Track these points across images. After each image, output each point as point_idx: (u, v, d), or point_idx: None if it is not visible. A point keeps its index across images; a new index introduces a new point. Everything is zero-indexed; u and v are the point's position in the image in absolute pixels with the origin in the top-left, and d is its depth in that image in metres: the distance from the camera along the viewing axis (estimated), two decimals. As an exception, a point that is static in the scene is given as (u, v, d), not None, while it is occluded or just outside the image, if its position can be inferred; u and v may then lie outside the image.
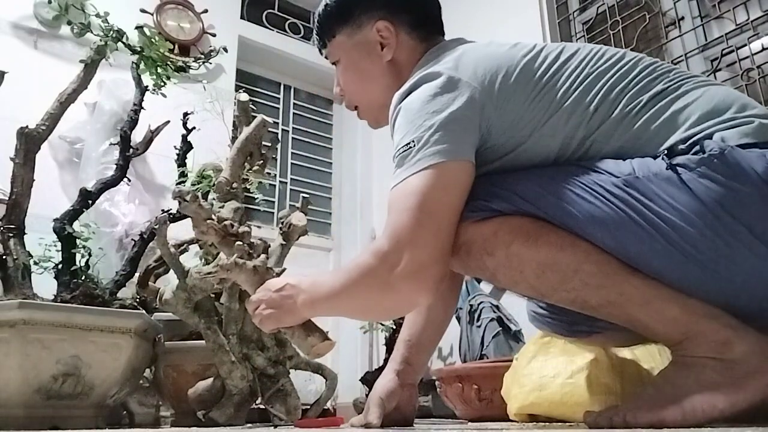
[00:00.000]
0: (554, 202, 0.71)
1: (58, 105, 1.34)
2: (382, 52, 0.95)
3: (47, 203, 1.51)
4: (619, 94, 0.76)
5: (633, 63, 0.80)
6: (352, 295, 0.81)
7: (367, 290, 0.78)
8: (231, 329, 1.29)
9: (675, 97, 0.75)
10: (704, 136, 0.70)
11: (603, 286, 0.69)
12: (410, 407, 1.06)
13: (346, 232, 3.31)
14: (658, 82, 0.77)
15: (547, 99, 0.78)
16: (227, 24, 2.98)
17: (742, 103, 0.74)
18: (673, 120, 0.73)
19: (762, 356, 0.63)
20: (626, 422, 0.66)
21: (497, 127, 0.79)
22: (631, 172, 0.69)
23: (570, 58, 0.80)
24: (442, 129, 0.75)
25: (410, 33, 0.96)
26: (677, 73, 0.79)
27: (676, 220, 0.66)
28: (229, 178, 1.36)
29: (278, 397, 1.28)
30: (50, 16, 2.34)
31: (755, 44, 1.82)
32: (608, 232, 0.68)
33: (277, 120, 3.25)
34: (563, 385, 1.09)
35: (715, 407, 0.63)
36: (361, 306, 0.84)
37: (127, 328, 1.20)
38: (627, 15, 2.23)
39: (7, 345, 1.07)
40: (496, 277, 0.77)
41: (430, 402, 2.09)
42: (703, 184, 0.65)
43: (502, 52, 0.82)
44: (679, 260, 0.66)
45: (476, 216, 0.76)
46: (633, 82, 0.77)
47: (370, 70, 0.97)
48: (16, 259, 1.19)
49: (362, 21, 0.96)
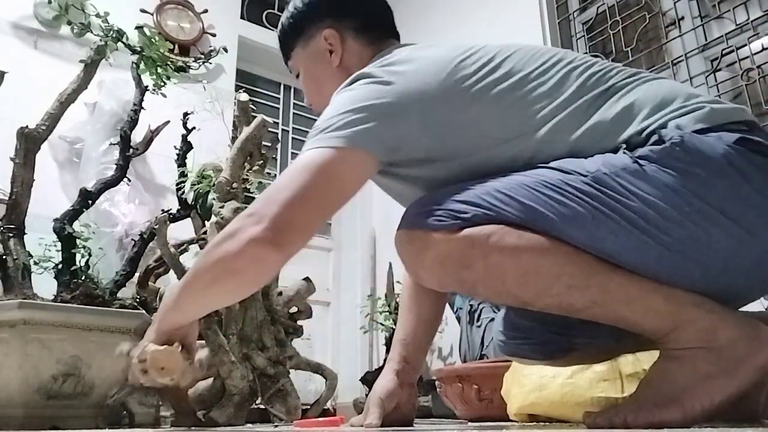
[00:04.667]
0: (526, 206, 0.70)
1: (58, 105, 1.34)
2: (331, 58, 1.01)
3: (47, 203, 1.51)
4: (562, 95, 0.77)
5: (572, 64, 0.80)
6: (216, 267, 0.76)
7: (231, 257, 0.75)
8: (231, 329, 1.29)
9: (624, 93, 0.76)
10: (659, 125, 0.71)
11: (587, 286, 0.68)
12: (410, 407, 1.06)
13: (346, 232, 3.31)
14: (601, 83, 0.78)
15: (482, 102, 0.78)
16: (227, 24, 2.98)
17: (688, 93, 0.75)
18: (626, 114, 0.74)
19: (748, 339, 0.64)
20: (626, 423, 0.66)
21: (425, 130, 0.79)
22: (598, 169, 0.69)
23: (504, 61, 0.81)
24: (353, 118, 0.77)
25: (356, 38, 1.01)
26: (619, 70, 0.80)
27: (648, 211, 0.66)
28: (229, 178, 1.36)
29: (278, 397, 1.28)
30: (50, 16, 2.34)
31: (755, 44, 1.82)
32: (585, 231, 0.68)
33: (277, 120, 3.26)
34: (563, 385, 1.10)
35: (713, 401, 0.63)
36: (224, 280, 0.78)
37: (127, 328, 1.20)
38: (627, 15, 2.23)
39: (7, 345, 1.07)
40: (476, 289, 0.75)
41: (430, 402, 2.09)
42: (669, 173, 0.66)
43: (437, 56, 0.83)
44: (657, 251, 0.66)
45: (445, 227, 0.72)
46: (577, 83, 0.78)
47: (323, 76, 1.02)
48: (16, 259, 1.19)
49: (312, 32, 1.02)
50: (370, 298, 2.78)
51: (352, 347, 2.98)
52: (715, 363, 0.64)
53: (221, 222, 1.30)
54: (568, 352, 0.89)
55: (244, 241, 0.73)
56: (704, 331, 0.65)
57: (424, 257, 0.74)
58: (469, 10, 2.78)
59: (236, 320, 1.30)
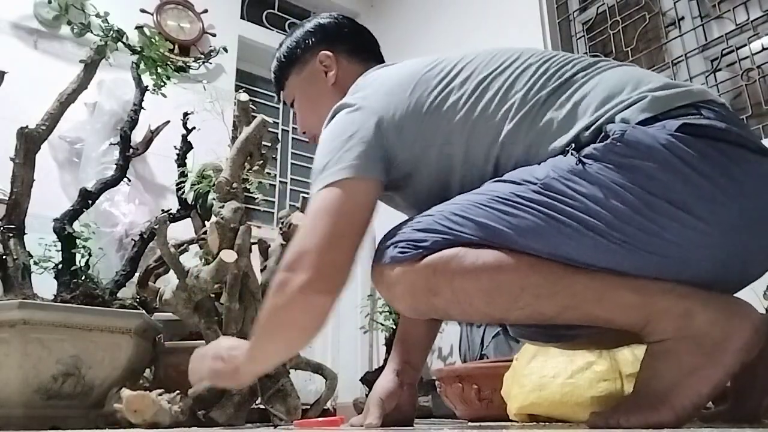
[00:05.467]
0: (481, 224, 0.70)
1: (58, 105, 1.34)
2: (327, 77, 1.05)
3: (47, 203, 1.51)
4: (516, 96, 0.78)
5: (528, 62, 0.81)
6: (274, 323, 0.80)
7: (283, 310, 0.78)
8: (231, 329, 1.29)
9: (573, 90, 0.76)
10: (606, 120, 0.71)
11: (554, 293, 0.68)
12: (410, 407, 1.06)
13: (346, 232, 3.31)
14: (554, 79, 0.78)
15: (443, 111, 0.80)
16: (227, 24, 2.98)
17: (637, 80, 0.75)
18: (574, 111, 0.74)
19: (725, 320, 0.63)
20: (620, 425, 0.66)
21: (400, 146, 0.82)
22: (547, 174, 0.70)
23: (464, 68, 0.83)
24: (346, 150, 0.81)
25: (349, 59, 1.06)
26: (573, 64, 0.80)
27: (598, 210, 0.66)
28: (229, 178, 1.36)
29: (278, 397, 1.28)
30: (50, 16, 2.34)
31: (755, 44, 1.82)
32: (540, 239, 0.68)
33: (277, 120, 3.25)
34: (563, 385, 1.10)
35: (701, 394, 0.63)
36: (284, 332, 0.82)
37: (127, 328, 1.20)
38: (627, 15, 2.23)
39: (7, 345, 1.07)
40: (449, 313, 0.76)
41: (430, 402, 2.09)
42: (612, 170, 0.66)
43: (405, 72, 0.87)
44: (614, 250, 0.66)
45: (408, 258, 0.74)
46: (530, 82, 0.79)
47: (319, 95, 1.06)
48: (16, 259, 1.20)
49: (306, 58, 1.08)
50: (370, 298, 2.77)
51: (352, 347, 2.98)
52: (696, 353, 0.63)
53: (221, 222, 1.30)
54: (574, 336, 0.89)
55: (294, 293, 0.76)
56: (679, 318, 0.65)
57: (395, 290, 0.76)
58: (469, 10, 2.78)
59: (236, 320, 1.30)
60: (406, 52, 1.11)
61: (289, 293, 0.77)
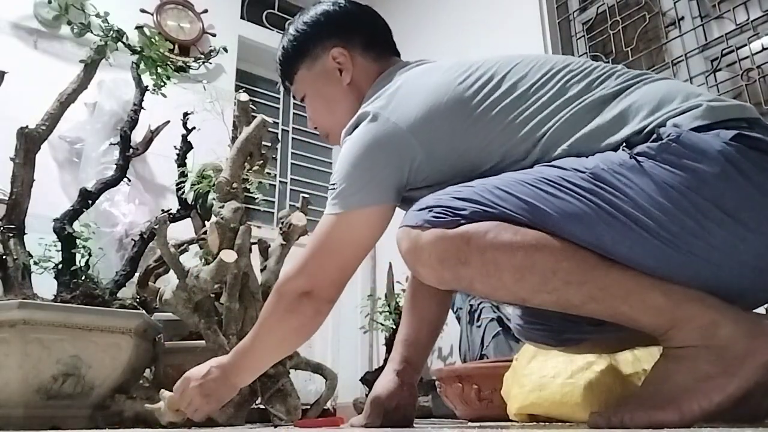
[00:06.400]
0: (525, 202, 0.70)
1: (58, 105, 1.34)
2: (341, 77, 1.00)
3: (47, 203, 1.51)
4: (566, 102, 0.78)
5: (576, 70, 0.82)
6: (267, 328, 0.90)
7: (278, 316, 0.89)
8: (231, 329, 1.29)
9: (623, 96, 0.77)
10: (657, 124, 0.71)
11: (584, 282, 0.68)
12: (410, 407, 1.06)
13: (346, 232, 3.30)
14: (604, 86, 0.79)
15: (486, 122, 0.80)
16: (227, 24, 2.98)
17: (687, 92, 0.76)
18: (624, 116, 0.75)
19: (749, 336, 0.63)
20: (623, 423, 0.66)
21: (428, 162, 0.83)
22: (597, 165, 0.70)
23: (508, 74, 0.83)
24: (362, 174, 0.83)
25: (364, 54, 1.01)
26: (621, 74, 0.81)
27: (645, 206, 0.66)
28: (229, 178, 1.36)
29: (278, 397, 1.28)
30: (50, 16, 2.34)
31: (755, 44, 1.82)
32: (583, 226, 0.68)
33: (277, 120, 3.25)
34: (563, 385, 1.10)
35: (711, 401, 0.63)
36: (277, 335, 0.91)
37: (127, 328, 1.20)
38: (627, 15, 2.22)
39: (7, 345, 1.07)
40: (474, 286, 0.74)
41: (430, 402, 2.09)
42: (666, 168, 0.67)
43: (435, 83, 0.85)
44: (655, 246, 0.66)
45: (442, 223, 0.73)
46: (578, 89, 0.79)
47: (333, 95, 1.02)
48: (16, 259, 1.20)
49: (318, 52, 1.01)
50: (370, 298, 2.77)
51: (352, 347, 2.98)
52: (714, 362, 0.63)
53: (221, 222, 1.30)
54: (580, 340, 0.90)
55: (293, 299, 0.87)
56: (704, 329, 0.64)
57: (422, 254, 0.74)
58: (469, 10, 2.78)
59: (236, 320, 1.30)
60: (406, 51, 1.10)
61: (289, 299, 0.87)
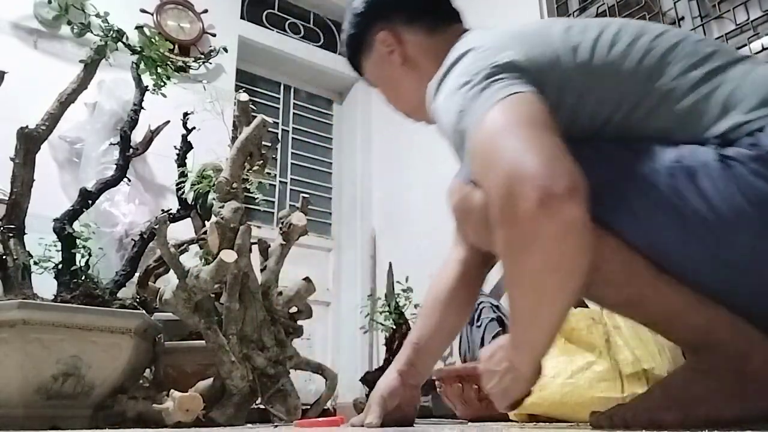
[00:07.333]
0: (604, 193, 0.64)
1: (58, 105, 1.34)
2: (392, 58, 0.99)
3: (47, 203, 1.51)
4: (668, 68, 0.70)
5: (679, 40, 0.73)
6: (527, 269, 0.60)
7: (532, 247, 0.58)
8: (231, 329, 1.29)
9: (724, 79, 0.68)
10: (758, 127, 0.64)
11: (625, 285, 0.66)
12: (412, 407, 1.06)
13: (346, 232, 3.31)
14: (706, 61, 0.70)
15: (612, 72, 0.71)
16: (227, 24, 2.98)
17: None
18: (724, 103, 0.67)
19: None
20: (626, 422, 0.66)
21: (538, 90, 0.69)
22: (679, 160, 0.64)
23: (619, 32, 0.74)
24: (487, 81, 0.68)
25: (410, 29, 0.98)
26: (721, 53, 0.72)
27: (721, 214, 0.61)
28: (229, 178, 1.36)
29: (278, 397, 1.28)
30: (50, 16, 2.34)
31: (755, 44, 1.82)
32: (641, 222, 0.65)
33: (277, 120, 3.25)
34: (563, 385, 1.09)
35: (721, 414, 0.62)
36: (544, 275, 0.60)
37: (127, 328, 1.20)
38: (627, 15, 2.23)
39: (7, 345, 1.07)
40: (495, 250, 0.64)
41: (430, 402, 2.09)
42: (754, 182, 0.61)
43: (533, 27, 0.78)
44: (715, 258, 0.63)
45: None
46: (683, 60, 0.70)
47: (393, 78, 1.01)
48: (16, 259, 1.20)
49: (368, 42, 1.01)
50: (370, 298, 2.77)
51: (352, 347, 2.98)
52: (737, 386, 0.62)
53: (221, 222, 1.30)
54: None
55: (534, 206, 0.55)
56: (737, 357, 0.63)
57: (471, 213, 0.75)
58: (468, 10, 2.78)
59: (236, 320, 1.30)
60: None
61: (529, 210, 0.55)
